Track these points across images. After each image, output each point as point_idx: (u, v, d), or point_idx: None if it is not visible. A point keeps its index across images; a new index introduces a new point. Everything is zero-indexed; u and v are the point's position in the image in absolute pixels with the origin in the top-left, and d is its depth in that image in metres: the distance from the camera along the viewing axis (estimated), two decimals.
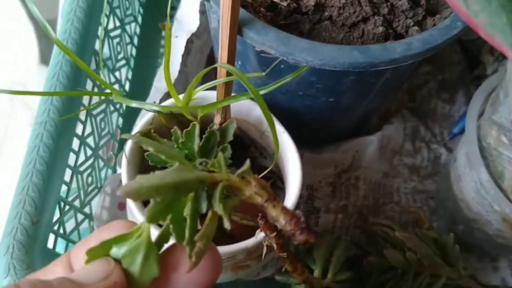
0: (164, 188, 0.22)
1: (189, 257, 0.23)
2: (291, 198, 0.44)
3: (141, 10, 0.64)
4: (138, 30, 0.63)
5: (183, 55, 0.56)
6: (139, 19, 0.64)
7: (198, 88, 0.41)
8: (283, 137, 0.46)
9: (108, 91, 0.40)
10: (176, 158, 0.42)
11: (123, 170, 0.43)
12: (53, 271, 0.24)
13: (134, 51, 0.61)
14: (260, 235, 0.40)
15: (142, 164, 0.45)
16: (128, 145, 0.44)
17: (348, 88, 0.42)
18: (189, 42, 0.59)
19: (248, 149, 0.54)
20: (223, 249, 0.41)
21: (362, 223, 0.54)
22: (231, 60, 0.39)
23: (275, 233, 0.39)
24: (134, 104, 0.37)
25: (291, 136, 0.48)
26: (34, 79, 1.19)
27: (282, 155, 0.47)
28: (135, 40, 0.62)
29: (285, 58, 0.37)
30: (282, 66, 0.38)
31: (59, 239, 0.44)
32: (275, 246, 0.39)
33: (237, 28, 0.36)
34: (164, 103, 0.45)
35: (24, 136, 1.14)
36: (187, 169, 0.25)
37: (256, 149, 0.53)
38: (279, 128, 0.46)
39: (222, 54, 0.38)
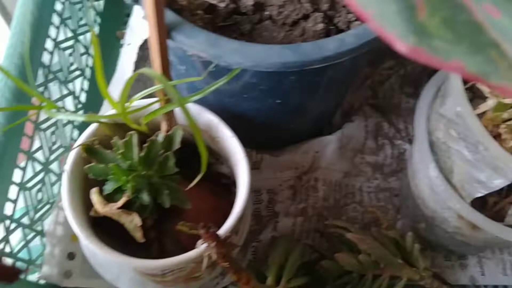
0: None
1: None
2: (239, 202, 0.43)
3: (98, 19, 0.63)
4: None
5: (136, 62, 0.55)
6: (96, 28, 0.63)
7: (136, 96, 0.40)
8: (231, 142, 0.45)
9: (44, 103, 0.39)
10: (115, 170, 0.41)
11: (63, 186, 0.42)
12: None
13: (90, 61, 0.60)
14: (202, 245, 0.39)
15: (85, 179, 0.44)
16: (70, 157, 0.43)
17: (292, 88, 0.41)
18: (144, 48, 0.58)
19: None
20: (166, 262, 0.40)
21: (321, 226, 0.53)
22: (164, 65, 0.38)
23: (215, 243, 0.39)
24: (60, 116, 0.36)
25: (247, 140, 0.47)
26: None
27: (233, 160, 0.46)
28: (91, 50, 0.61)
29: (216, 61, 0.36)
30: (214, 70, 0.37)
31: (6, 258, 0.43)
32: (214, 256, 0.38)
33: (165, 32, 0.35)
34: (107, 113, 0.44)
35: None
36: None
37: (211, 154, 0.52)
38: (228, 133, 0.45)
39: (154, 59, 0.37)
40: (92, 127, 0.44)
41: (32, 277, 0.50)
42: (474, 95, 0.39)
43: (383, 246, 0.46)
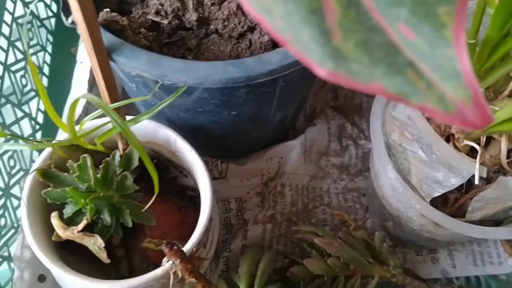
0: None
1: None
2: (203, 215, 0.43)
3: (50, 38, 0.62)
4: (48, 58, 0.61)
5: (89, 81, 0.54)
6: (49, 47, 0.61)
7: (86, 118, 0.40)
8: (190, 156, 0.45)
9: None
10: (73, 194, 0.40)
11: (22, 213, 0.41)
12: None
13: (45, 81, 0.59)
14: (167, 262, 0.39)
15: (46, 203, 0.43)
16: (27, 183, 0.42)
17: (245, 100, 0.41)
18: None
19: (167, 169, 0.53)
20: (133, 282, 0.40)
21: (291, 231, 0.53)
22: (109, 87, 0.37)
23: (179, 260, 0.38)
24: (6, 147, 0.35)
25: (210, 150, 0.47)
26: None
27: (194, 173, 0.46)
28: (46, 69, 0.59)
29: (160, 81, 0.35)
30: (163, 86, 0.37)
31: None
32: (180, 273, 0.38)
33: (105, 55, 0.34)
34: (63, 136, 0.44)
35: None
36: None
37: (176, 168, 0.52)
38: (186, 147, 0.45)
39: (99, 82, 0.37)
40: (47, 151, 0.43)
41: None
42: None
43: (352, 248, 0.46)
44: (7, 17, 0.53)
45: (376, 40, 0.16)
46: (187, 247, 0.41)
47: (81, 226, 0.40)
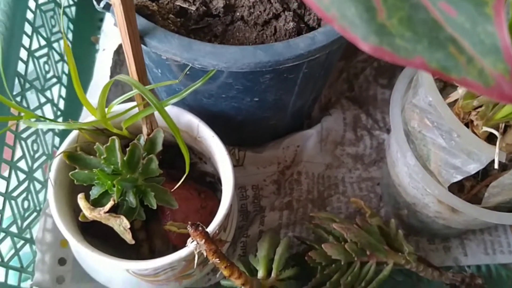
0: None
1: None
2: (225, 199, 0.44)
3: (71, 26, 0.63)
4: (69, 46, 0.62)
5: (112, 67, 0.55)
6: (70, 35, 0.63)
7: (114, 102, 0.41)
8: (213, 141, 0.46)
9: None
10: (100, 175, 0.41)
11: (49, 193, 0.42)
12: None
13: (66, 68, 0.60)
14: (192, 243, 0.40)
15: (71, 185, 0.44)
16: (54, 165, 0.43)
17: (268, 86, 0.42)
18: (120, 53, 0.58)
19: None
20: (158, 262, 0.41)
21: (307, 218, 0.54)
22: (139, 70, 0.38)
23: (204, 240, 0.39)
24: (40, 125, 0.36)
25: (228, 138, 0.48)
26: None
27: (216, 159, 0.47)
28: (65, 58, 0.61)
29: (190, 64, 0.36)
30: (189, 72, 0.38)
31: None
32: (205, 253, 0.39)
33: (138, 38, 0.36)
34: (86, 119, 0.45)
35: None
36: None
37: (195, 154, 0.53)
38: (209, 133, 0.46)
39: (129, 65, 0.38)
40: (73, 134, 0.44)
41: (25, 285, 0.50)
42: (446, 84, 0.41)
43: (368, 234, 0.47)
44: (32, 4, 0.54)
45: (419, 17, 0.17)
46: (210, 229, 0.42)
47: (107, 207, 0.41)
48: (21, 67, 0.50)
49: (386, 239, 0.49)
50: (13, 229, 0.47)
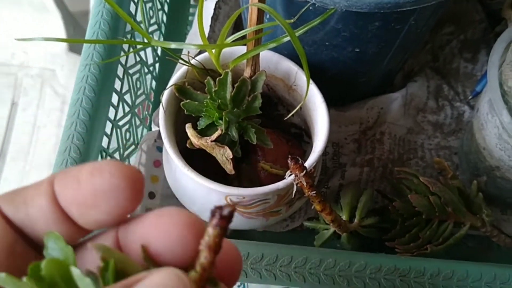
0: None
1: None
2: (318, 146, 0.46)
3: None
4: None
5: (213, 17, 0.58)
6: None
7: (229, 38, 0.44)
8: (310, 88, 0.48)
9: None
10: (209, 106, 0.44)
11: (160, 119, 0.45)
12: (37, 203, 0.20)
13: (165, 18, 0.64)
14: (290, 176, 0.43)
15: (177, 115, 0.48)
16: (165, 96, 0.47)
17: (373, 36, 0.44)
18: (217, 8, 0.61)
19: (276, 107, 0.56)
20: (255, 191, 0.43)
21: (389, 174, 0.56)
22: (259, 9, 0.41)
23: (304, 173, 0.42)
24: (173, 45, 0.39)
25: None
26: (62, 66, 1.23)
27: (310, 106, 0.49)
28: (166, 7, 0.64)
29: (313, 0, 0.39)
30: (310, 8, 0.40)
31: None
32: (305, 184, 0.42)
33: None
34: (198, 58, 0.48)
35: (54, 121, 1.19)
36: None
37: (284, 106, 0.55)
38: (306, 80, 0.48)
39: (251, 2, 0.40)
40: (182, 70, 0.48)
41: None
42: None
43: (451, 191, 0.49)
44: None
45: None
46: (307, 164, 0.44)
47: (215, 136, 0.44)
48: (132, 8, 0.54)
49: (465, 201, 0.51)
50: (116, 156, 0.51)
